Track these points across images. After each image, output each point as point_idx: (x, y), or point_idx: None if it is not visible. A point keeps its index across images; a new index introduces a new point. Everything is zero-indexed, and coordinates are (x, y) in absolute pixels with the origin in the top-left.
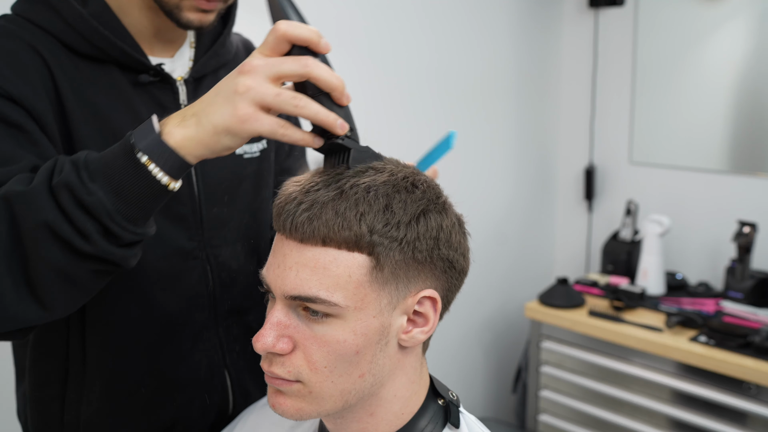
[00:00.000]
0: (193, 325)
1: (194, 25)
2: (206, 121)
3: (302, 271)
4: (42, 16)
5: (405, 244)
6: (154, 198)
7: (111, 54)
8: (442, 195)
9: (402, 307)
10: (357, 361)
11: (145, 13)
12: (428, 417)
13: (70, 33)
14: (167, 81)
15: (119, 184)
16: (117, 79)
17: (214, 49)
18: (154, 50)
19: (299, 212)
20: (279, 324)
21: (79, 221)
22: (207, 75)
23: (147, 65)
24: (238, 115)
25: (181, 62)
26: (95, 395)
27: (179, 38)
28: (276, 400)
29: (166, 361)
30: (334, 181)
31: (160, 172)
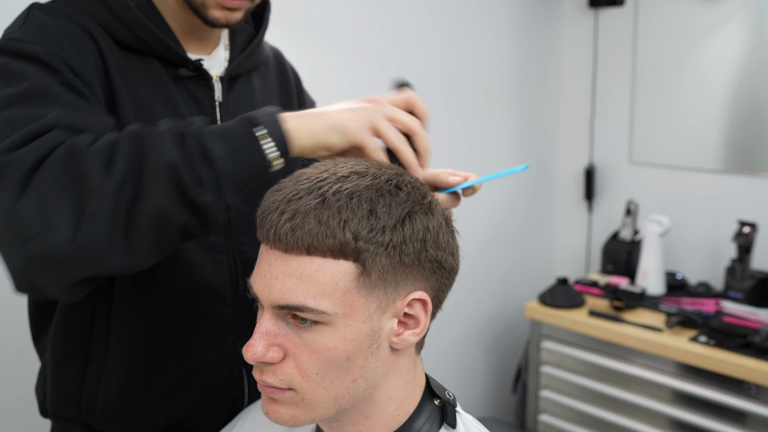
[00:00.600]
0: (217, 319)
1: (221, 23)
2: (324, 117)
3: (288, 280)
4: (90, 6)
5: (391, 248)
6: (257, 171)
7: (153, 46)
8: (427, 195)
9: (392, 310)
10: (348, 366)
11: (178, 12)
12: (424, 417)
13: (116, 24)
14: (204, 77)
15: (237, 151)
16: (157, 71)
17: (250, 49)
18: (190, 47)
19: (282, 222)
20: (268, 333)
21: (200, 170)
22: (240, 75)
23: (186, 60)
24: (358, 121)
25: (217, 61)
26: (115, 379)
27: (213, 38)
28: (270, 407)
29: (187, 352)
30: (316, 188)
31: (271, 147)
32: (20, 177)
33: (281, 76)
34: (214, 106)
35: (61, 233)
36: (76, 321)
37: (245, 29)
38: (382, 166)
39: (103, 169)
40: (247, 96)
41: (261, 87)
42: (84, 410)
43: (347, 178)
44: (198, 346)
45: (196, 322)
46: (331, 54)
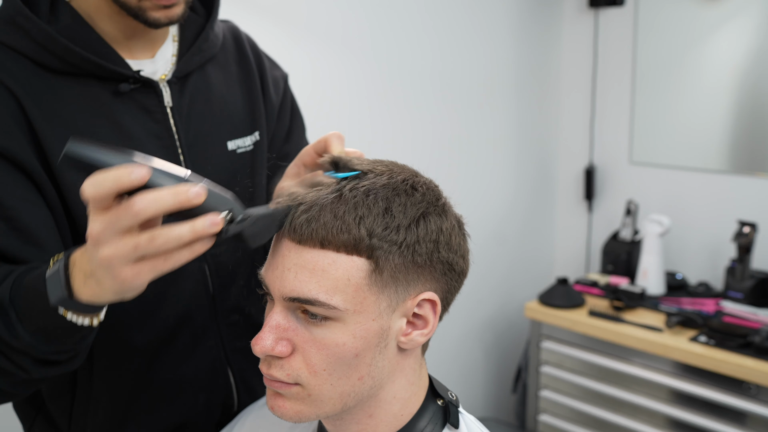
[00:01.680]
0: (193, 326)
1: (163, 22)
2: (104, 286)
3: (301, 272)
4: (13, 38)
5: (405, 247)
6: (80, 332)
7: (85, 68)
8: (441, 197)
9: (401, 309)
10: (356, 363)
11: (116, 19)
12: (427, 417)
13: (42, 52)
14: (149, 84)
15: (44, 328)
16: (97, 91)
17: (197, 45)
18: (133, 52)
19: (298, 213)
20: (278, 327)
21: (15, 359)
22: (193, 72)
23: (124, 74)
24: (121, 280)
25: (163, 60)
26: (102, 407)
27: (158, 36)
28: (275, 402)
29: (167, 362)
30: (333, 183)
31: (79, 318)
32: None
33: (241, 62)
34: (165, 112)
35: None
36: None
37: (194, 20)
38: (398, 167)
39: None
40: (202, 93)
41: (219, 79)
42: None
43: (364, 176)
44: (179, 357)
45: (174, 333)
46: (331, 54)
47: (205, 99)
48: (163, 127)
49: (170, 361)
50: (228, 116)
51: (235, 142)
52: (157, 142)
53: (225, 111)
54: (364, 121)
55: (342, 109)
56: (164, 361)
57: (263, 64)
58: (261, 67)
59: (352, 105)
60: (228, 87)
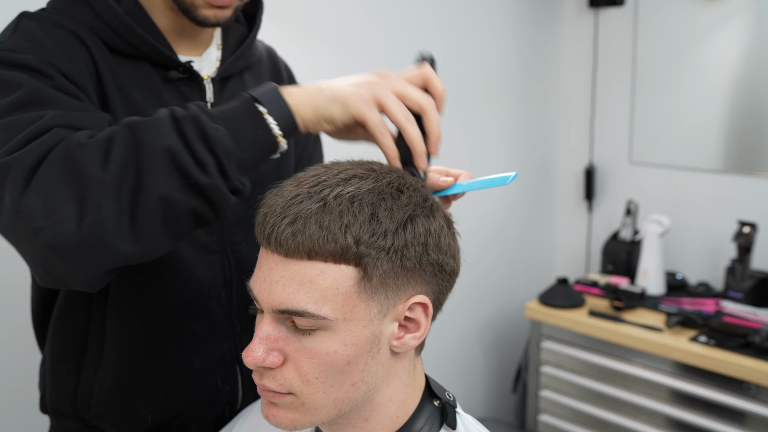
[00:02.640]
0: (210, 318)
1: (211, 22)
2: (327, 89)
3: (289, 285)
4: (79, 12)
5: (393, 252)
6: (264, 149)
7: (143, 50)
8: (429, 197)
9: (392, 314)
10: (349, 370)
11: (168, 14)
12: (424, 419)
13: (105, 29)
14: (195, 79)
15: (238, 130)
16: (149, 74)
17: (241, 50)
18: (181, 49)
19: (282, 227)
20: (268, 338)
21: (200, 152)
22: (233, 76)
23: (176, 62)
24: (361, 94)
25: (208, 62)
26: (109, 375)
27: (204, 38)
28: (269, 411)
29: (180, 350)
30: (316, 192)
31: (274, 124)
32: (23, 175)
33: (274, 76)
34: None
35: (66, 225)
36: (73, 318)
37: (237, 29)
38: (383, 169)
39: (101, 162)
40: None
41: (254, 87)
42: (79, 406)
43: (348, 182)
44: (191, 345)
45: (189, 321)
46: (331, 54)
47: None
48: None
49: (183, 349)
50: None
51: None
52: None
53: None
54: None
55: None
56: (176, 347)
57: (295, 84)
58: (292, 83)
59: None
60: None
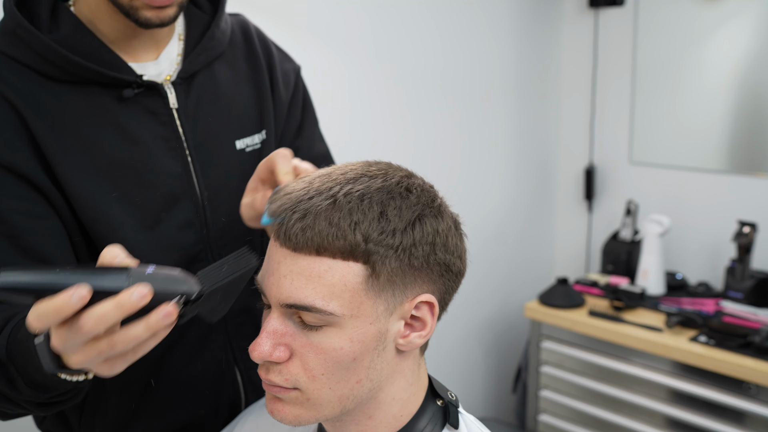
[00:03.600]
0: (200, 326)
1: (154, 23)
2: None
3: (297, 279)
4: (15, 49)
5: (401, 251)
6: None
7: (88, 77)
8: (437, 198)
9: (399, 312)
10: (354, 367)
11: (114, 18)
12: (427, 418)
13: (44, 63)
14: (153, 87)
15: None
16: (101, 98)
17: (202, 44)
18: (137, 53)
19: (292, 221)
20: (275, 332)
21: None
22: (199, 71)
23: (127, 80)
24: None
25: (168, 61)
26: (111, 405)
27: (161, 36)
28: (274, 406)
29: (175, 362)
30: (326, 189)
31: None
32: None
33: (250, 57)
34: (171, 114)
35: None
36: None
37: (200, 18)
38: (391, 169)
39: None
40: (209, 92)
41: (227, 77)
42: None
43: (358, 180)
44: (184, 355)
45: (180, 332)
46: (330, 54)
47: (211, 98)
48: (170, 129)
49: (178, 361)
50: (236, 115)
51: (244, 141)
52: (164, 144)
53: (233, 110)
54: (364, 121)
55: (342, 109)
56: (172, 362)
57: (273, 58)
58: (270, 61)
59: (352, 105)
60: (236, 85)
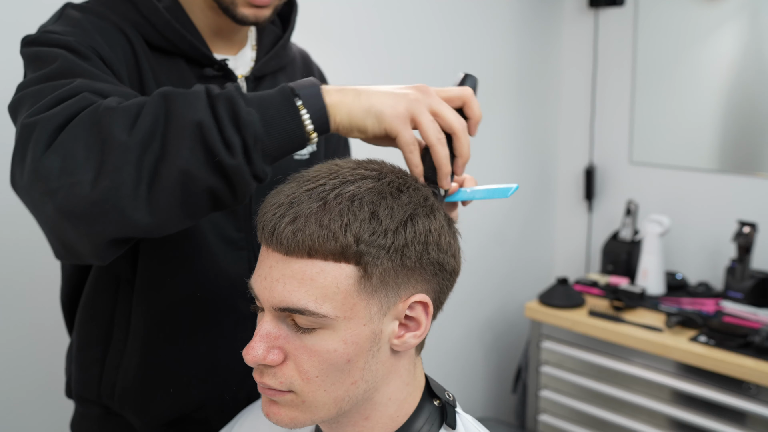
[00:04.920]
0: (236, 313)
1: (250, 20)
2: (365, 98)
3: (289, 283)
4: (120, 7)
5: (393, 251)
6: (292, 141)
7: (180, 47)
8: (429, 197)
9: (393, 313)
10: (349, 369)
11: (207, 12)
12: (424, 418)
13: (145, 25)
14: (229, 77)
15: (271, 118)
16: (184, 71)
17: (276, 51)
18: (217, 48)
19: (283, 225)
20: (269, 336)
21: (228, 132)
22: (267, 75)
23: (212, 60)
24: (397, 108)
25: (243, 61)
26: (133, 365)
27: (240, 38)
28: (270, 409)
29: (205, 343)
30: (316, 191)
31: (308, 120)
32: (47, 136)
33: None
34: None
35: (82, 188)
36: (100, 305)
37: (272, 30)
38: (384, 168)
39: (128, 126)
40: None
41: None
42: (103, 393)
43: (348, 181)
44: (216, 338)
45: (215, 314)
46: (332, 55)
47: None
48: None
49: (207, 342)
50: None
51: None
52: None
53: None
54: None
55: None
56: (201, 341)
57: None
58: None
59: None
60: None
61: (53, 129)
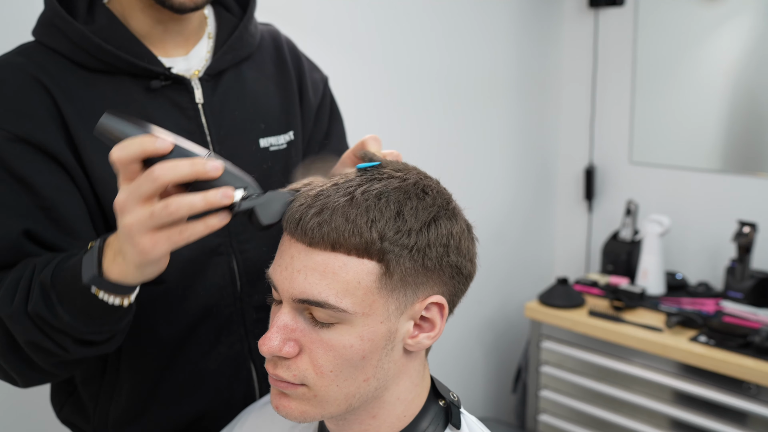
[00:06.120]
0: (218, 318)
1: (188, 7)
2: (127, 260)
3: (311, 275)
4: (52, 39)
5: (415, 251)
6: (114, 314)
7: (118, 66)
8: (452, 201)
9: (409, 312)
10: (363, 365)
11: (147, 12)
12: (429, 418)
13: (78, 52)
14: (181, 81)
15: (81, 308)
16: (129, 89)
17: (230, 43)
18: (167, 49)
19: (309, 216)
20: (285, 327)
21: (57, 339)
22: (227, 70)
23: (155, 71)
24: (139, 250)
25: (197, 58)
26: (124, 392)
27: (191, 32)
28: (280, 402)
29: (191, 354)
30: (344, 186)
31: (110, 298)
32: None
33: (279, 63)
34: (196, 108)
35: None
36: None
37: (229, 20)
38: (408, 169)
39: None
40: (235, 90)
41: (254, 78)
42: (97, 426)
43: (375, 179)
44: (202, 347)
45: (197, 324)
46: (331, 55)
47: (237, 96)
48: (195, 124)
49: (194, 353)
50: (261, 114)
51: (268, 140)
52: (188, 138)
53: (258, 109)
54: (365, 121)
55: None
56: (188, 353)
57: (302, 66)
58: (299, 68)
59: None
60: (263, 86)
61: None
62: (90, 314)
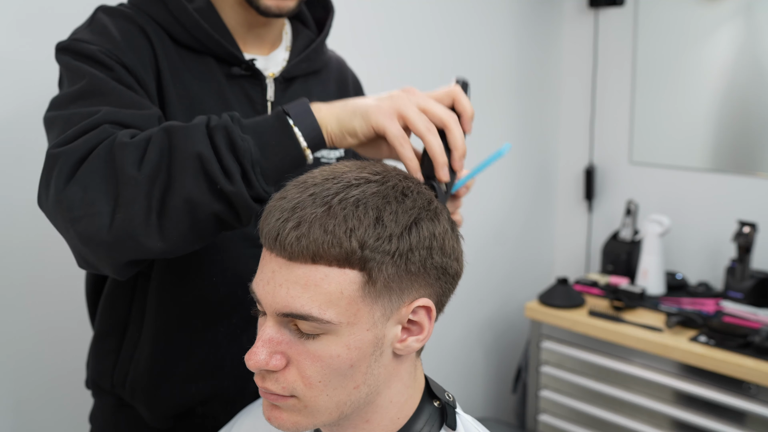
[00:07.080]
0: (247, 310)
1: (273, 11)
2: (352, 104)
3: (293, 288)
4: (152, 6)
5: (398, 256)
6: (290, 161)
7: (208, 46)
8: (433, 200)
9: (396, 317)
10: (351, 374)
11: (237, 9)
12: (424, 419)
13: (175, 25)
14: (257, 76)
15: (266, 141)
16: (212, 69)
17: (307, 54)
18: (249, 47)
19: (287, 231)
20: (271, 340)
21: (226, 160)
22: (297, 78)
23: (239, 59)
24: (381, 107)
25: (274, 62)
26: (145, 356)
27: (272, 38)
28: (272, 414)
29: (217, 337)
30: (320, 195)
31: (301, 137)
32: (68, 167)
33: (340, 84)
34: (265, 104)
35: (101, 219)
36: (118, 298)
37: (306, 34)
38: (387, 170)
39: (137, 161)
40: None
41: (318, 91)
42: (116, 383)
43: (352, 185)
44: (226, 334)
45: (227, 310)
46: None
47: None
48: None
49: (217, 337)
50: None
51: (321, 151)
52: None
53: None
54: None
55: None
56: (212, 336)
57: (361, 92)
58: (358, 93)
59: None
60: (323, 99)
61: (74, 162)
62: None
